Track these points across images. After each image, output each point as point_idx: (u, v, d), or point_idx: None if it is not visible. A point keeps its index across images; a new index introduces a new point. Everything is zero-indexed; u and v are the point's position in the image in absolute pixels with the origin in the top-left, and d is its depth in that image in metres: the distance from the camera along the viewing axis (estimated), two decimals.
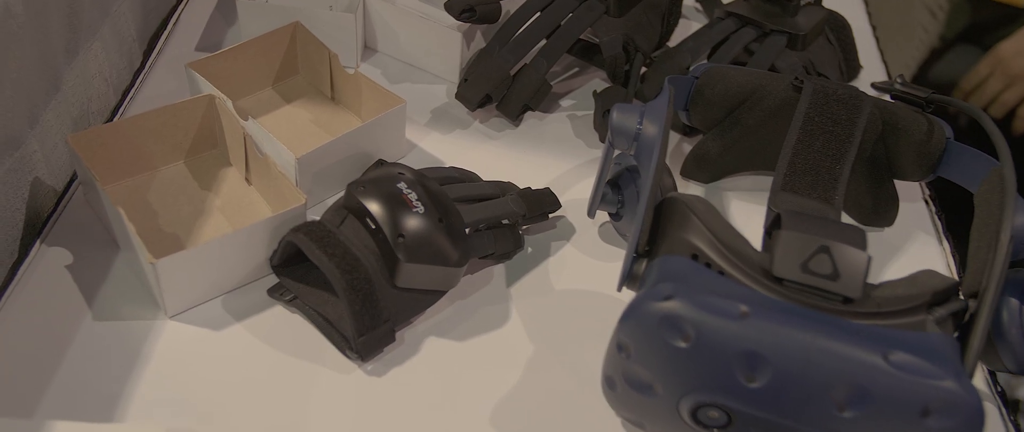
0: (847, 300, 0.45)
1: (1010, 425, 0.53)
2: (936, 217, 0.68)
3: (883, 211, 0.65)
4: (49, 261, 0.57)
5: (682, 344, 0.43)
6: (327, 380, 0.52)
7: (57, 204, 0.62)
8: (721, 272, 0.47)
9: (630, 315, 0.45)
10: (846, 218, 0.66)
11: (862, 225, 0.66)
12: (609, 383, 0.48)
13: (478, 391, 0.53)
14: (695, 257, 0.48)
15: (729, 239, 0.48)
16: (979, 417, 0.41)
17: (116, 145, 0.60)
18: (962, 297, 0.48)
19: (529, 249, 0.62)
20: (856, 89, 0.60)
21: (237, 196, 0.63)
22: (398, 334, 0.55)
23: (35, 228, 0.60)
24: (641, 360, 0.45)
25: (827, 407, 0.42)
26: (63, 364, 0.51)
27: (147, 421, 0.49)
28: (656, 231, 0.51)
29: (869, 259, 0.45)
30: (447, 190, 0.57)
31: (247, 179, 0.64)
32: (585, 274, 0.61)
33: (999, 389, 0.55)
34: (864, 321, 0.45)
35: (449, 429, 0.50)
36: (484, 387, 0.53)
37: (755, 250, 0.48)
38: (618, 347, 0.46)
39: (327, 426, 0.50)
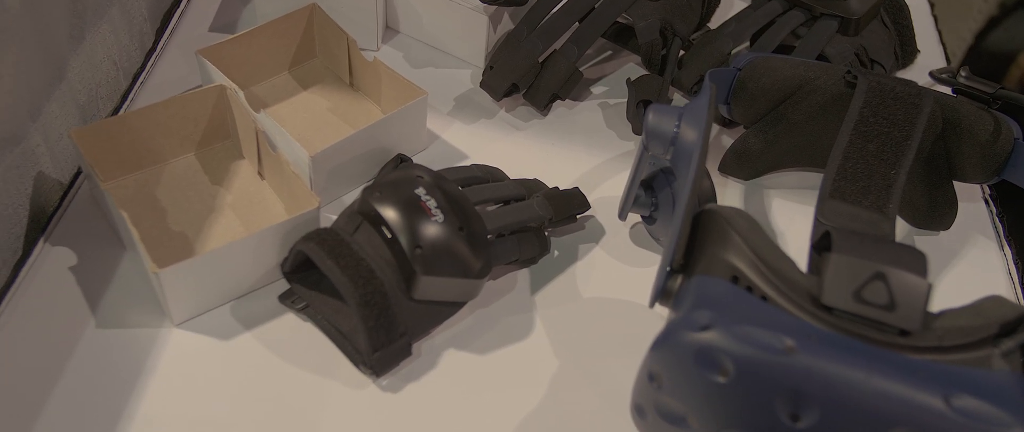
0: (904, 333, 0.41)
1: None
2: (997, 220, 0.63)
3: (940, 214, 0.60)
4: (53, 262, 0.55)
5: (720, 379, 0.39)
6: (339, 395, 0.50)
7: (62, 198, 0.59)
8: (763, 297, 0.43)
9: (663, 343, 0.41)
10: (900, 222, 0.61)
11: (916, 227, 0.61)
12: (639, 411, 0.45)
13: (499, 410, 0.50)
14: (735, 279, 0.44)
15: (773, 260, 0.44)
16: None
17: (122, 138, 0.58)
18: None
19: (555, 252, 0.59)
20: (916, 85, 0.55)
21: (249, 192, 0.60)
22: (415, 347, 0.52)
23: (39, 224, 0.57)
24: (674, 392, 0.42)
25: None
26: (65, 374, 0.49)
27: (152, 425, 0.47)
28: (693, 245, 0.47)
29: (930, 287, 0.41)
30: (469, 193, 0.54)
31: (260, 173, 0.61)
32: (615, 281, 0.57)
33: None
34: (923, 356, 0.40)
35: None
36: (505, 406, 0.50)
37: (801, 273, 0.43)
38: (649, 376, 0.42)
39: None
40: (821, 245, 0.45)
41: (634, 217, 0.61)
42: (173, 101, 0.58)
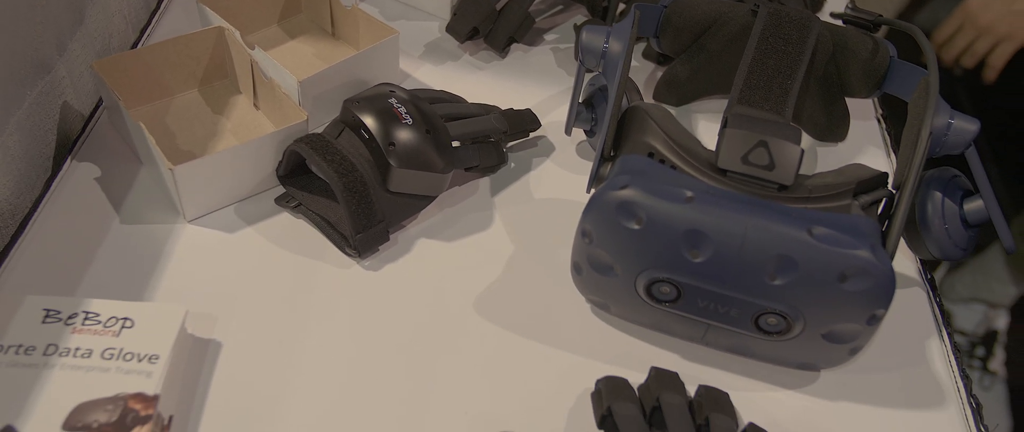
0: (782, 187, 0.51)
1: (936, 307, 0.60)
2: (886, 133, 0.73)
3: (836, 127, 0.70)
4: (80, 174, 0.64)
5: (635, 226, 0.49)
6: (329, 274, 0.59)
7: (84, 127, 0.68)
8: (673, 167, 0.53)
9: (592, 205, 0.51)
10: (804, 137, 0.72)
11: (818, 140, 0.72)
12: (576, 269, 0.55)
13: (464, 283, 0.59)
14: (651, 155, 0.54)
15: (682, 139, 0.54)
16: (890, 282, 0.47)
17: (136, 72, 0.67)
18: (892, 190, 0.54)
19: (512, 164, 0.69)
20: (808, 12, 0.66)
21: (247, 120, 0.69)
22: (392, 236, 0.62)
23: (65, 148, 0.67)
24: (602, 244, 0.51)
25: (760, 276, 0.48)
26: (97, 257, 0.58)
27: (171, 302, 0.56)
28: (620, 137, 0.57)
29: (802, 152, 0.51)
30: (435, 108, 0.63)
31: (255, 105, 0.70)
32: (562, 185, 0.67)
33: (929, 276, 0.62)
34: (795, 205, 0.51)
35: (438, 316, 0.57)
36: (469, 280, 0.59)
37: (705, 148, 0.54)
38: (582, 234, 0.52)
39: (329, 313, 0.57)
40: (722, 128, 0.55)
41: (579, 135, 0.71)
42: (179, 39, 0.68)
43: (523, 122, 0.68)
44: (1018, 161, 1.47)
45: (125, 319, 0.50)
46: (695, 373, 0.55)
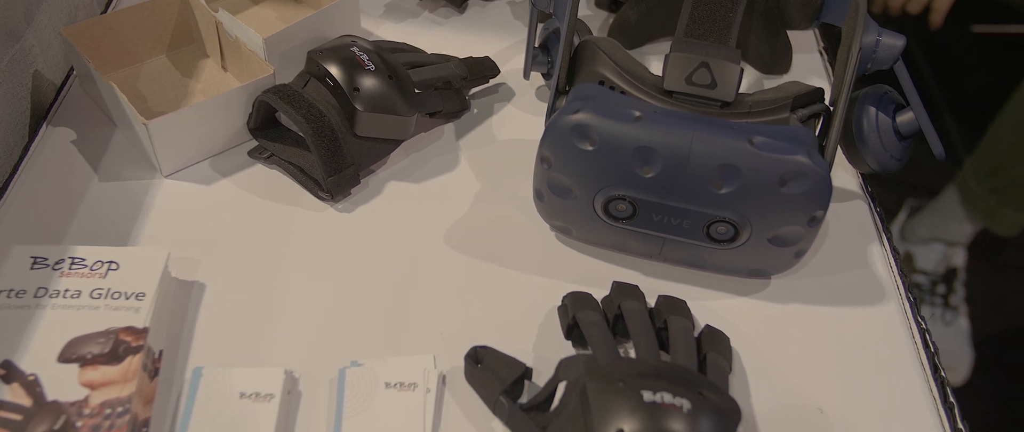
0: (724, 104, 0.55)
1: (876, 217, 0.64)
2: (827, 64, 0.77)
3: (780, 59, 0.74)
4: (56, 139, 0.66)
5: (589, 147, 0.53)
6: (304, 218, 0.62)
7: (57, 95, 0.70)
8: (623, 92, 0.56)
9: (548, 131, 0.54)
10: (750, 71, 0.75)
11: (764, 73, 0.75)
12: (538, 195, 0.58)
13: (433, 219, 0.62)
14: (602, 83, 0.57)
15: (630, 66, 0.57)
16: (827, 185, 0.51)
17: (104, 38, 0.69)
18: (829, 106, 0.58)
19: (474, 110, 0.72)
20: None
21: (215, 81, 0.72)
22: (363, 180, 0.65)
23: (40, 115, 0.68)
24: (560, 168, 0.55)
25: (707, 186, 0.52)
26: (78, 213, 0.60)
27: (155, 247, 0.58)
28: (573, 71, 0.60)
29: (741, 71, 0.55)
30: (397, 57, 0.66)
31: (223, 67, 0.73)
32: (523, 126, 0.70)
33: (869, 190, 0.66)
34: (737, 120, 0.54)
35: (410, 249, 0.60)
36: (438, 216, 0.62)
37: (651, 74, 0.57)
38: (541, 160, 0.55)
39: (307, 252, 0.59)
40: (666, 55, 0.58)
41: (538, 80, 0.74)
42: (144, 5, 0.70)
43: (482, 68, 0.71)
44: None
45: (110, 262, 0.53)
46: (655, 288, 0.58)
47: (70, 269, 0.52)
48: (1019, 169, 1.42)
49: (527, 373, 0.51)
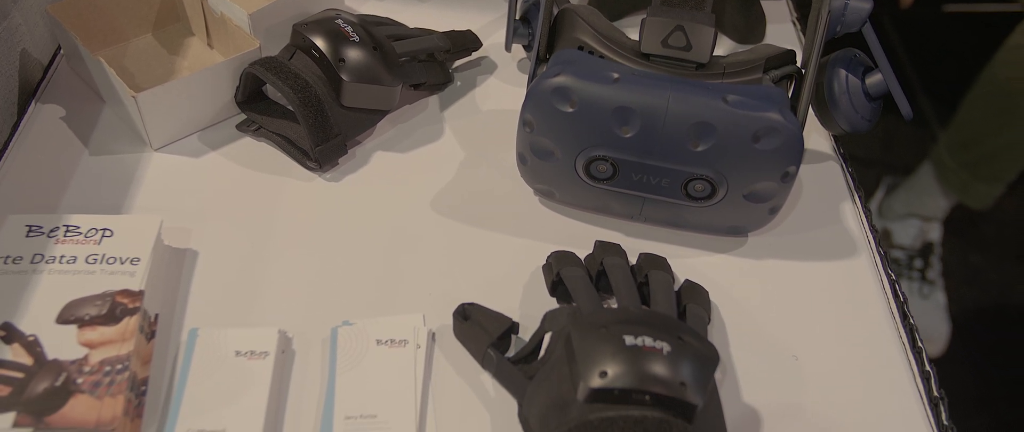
0: (699, 66, 0.57)
1: (849, 177, 0.66)
2: (800, 33, 0.79)
3: (754, 29, 0.76)
4: (45, 115, 0.67)
5: (570, 109, 0.54)
6: (293, 187, 0.63)
7: (45, 74, 0.71)
8: (601, 56, 0.58)
9: (530, 95, 0.56)
10: (724, 42, 0.77)
11: (739, 42, 0.77)
12: (521, 159, 0.60)
13: (420, 187, 0.64)
14: (581, 48, 0.59)
15: (608, 32, 0.59)
16: (798, 141, 0.53)
17: (90, 16, 0.70)
18: (801, 69, 0.60)
19: (458, 82, 0.73)
20: None
21: (202, 58, 0.73)
22: (350, 151, 0.66)
23: (28, 93, 0.69)
24: (542, 131, 0.56)
25: (684, 144, 0.53)
26: (70, 186, 0.61)
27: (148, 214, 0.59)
28: (553, 39, 0.62)
29: (715, 33, 0.57)
30: (381, 30, 0.68)
31: (209, 44, 0.74)
32: (506, 97, 0.72)
33: (841, 151, 0.68)
34: (712, 81, 0.56)
35: (398, 216, 0.62)
36: (425, 183, 0.64)
37: (629, 39, 0.59)
38: (524, 124, 0.57)
39: (297, 220, 0.61)
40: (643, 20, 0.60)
41: (520, 52, 0.76)
42: None
43: (465, 41, 0.72)
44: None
45: (105, 230, 0.54)
46: (636, 248, 0.60)
47: (65, 236, 0.53)
48: (990, 143, 1.46)
49: (514, 327, 0.53)
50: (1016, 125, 1.41)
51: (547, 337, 0.50)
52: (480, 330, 0.52)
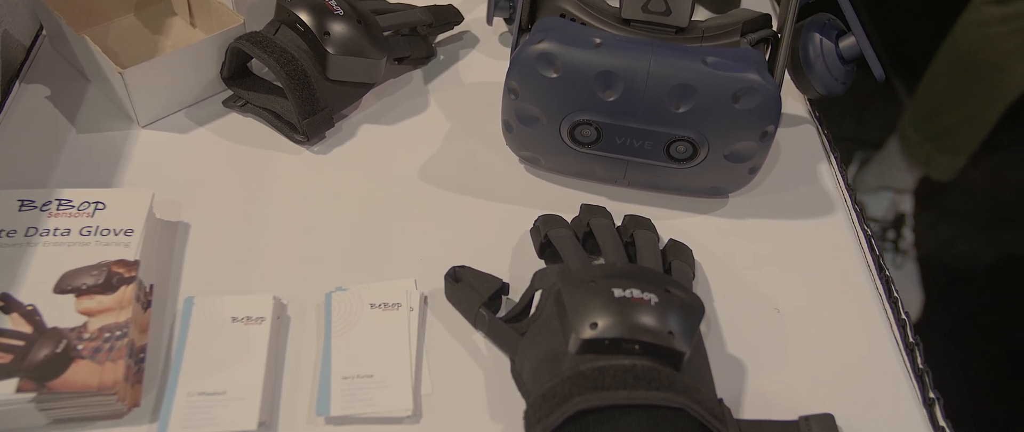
0: (679, 30, 0.58)
1: (824, 138, 0.68)
2: (774, 2, 0.81)
3: None
4: (30, 95, 0.67)
5: (554, 74, 0.56)
6: (281, 160, 0.64)
7: (27, 55, 0.71)
8: (583, 23, 0.59)
9: (514, 62, 0.57)
10: (701, 12, 0.79)
11: (715, 12, 0.79)
12: (507, 127, 0.61)
13: (407, 157, 0.65)
14: (563, 16, 0.60)
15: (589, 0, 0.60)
16: (776, 100, 0.55)
17: None
18: (777, 33, 0.62)
19: (441, 56, 0.74)
20: None
21: (185, 37, 0.73)
22: (336, 124, 0.67)
23: (12, 75, 0.69)
24: (527, 97, 0.58)
25: (666, 106, 0.55)
26: (59, 163, 0.62)
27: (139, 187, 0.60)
28: (535, 8, 0.63)
29: None
30: (364, 4, 0.68)
31: (192, 24, 0.74)
32: (489, 70, 0.73)
33: (817, 115, 0.70)
34: (691, 44, 0.58)
35: (386, 185, 0.63)
36: (412, 154, 0.65)
37: (610, 6, 0.60)
38: (508, 91, 0.58)
39: (287, 191, 0.62)
40: None
41: (501, 26, 0.77)
42: None
43: (447, 15, 0.73)
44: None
45: (97, 203, 0.55)
46: (621, 211, 0.61)
47: (58, 210, 0.54)
48: (951, 116, 1.49)
49: (504, 288, 0.54)
50: (975, 98, 1.44)
51: (537, 296, 0.51)
52: (471, 291, 0.53)
